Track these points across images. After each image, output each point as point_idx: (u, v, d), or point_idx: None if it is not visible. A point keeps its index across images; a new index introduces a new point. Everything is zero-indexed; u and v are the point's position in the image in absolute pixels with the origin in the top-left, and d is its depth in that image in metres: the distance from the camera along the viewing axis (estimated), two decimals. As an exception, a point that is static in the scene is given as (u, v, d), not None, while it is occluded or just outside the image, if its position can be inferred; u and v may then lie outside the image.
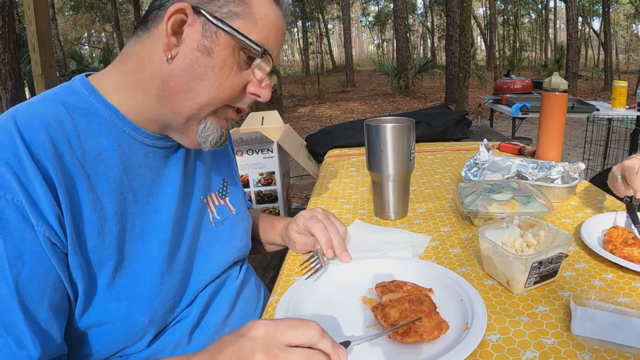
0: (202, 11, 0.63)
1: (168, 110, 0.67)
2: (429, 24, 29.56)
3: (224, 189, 0.88)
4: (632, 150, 3.61)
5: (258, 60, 0.67)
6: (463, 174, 1.28)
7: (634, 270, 0.76)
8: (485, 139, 1.38)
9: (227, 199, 0.87)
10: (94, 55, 18.45)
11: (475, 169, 1.29)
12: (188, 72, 0.64)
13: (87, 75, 0.70)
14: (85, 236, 0.60)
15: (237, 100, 0.70)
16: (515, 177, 1.20)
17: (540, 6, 27.00)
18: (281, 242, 0.98)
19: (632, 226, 0.90)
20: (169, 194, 0.73)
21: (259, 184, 2.14)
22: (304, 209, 1.00)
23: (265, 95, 0.70)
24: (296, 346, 0.51)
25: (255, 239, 1.01)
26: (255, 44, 0.65)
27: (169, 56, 0.64)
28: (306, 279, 0.76)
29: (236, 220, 0.87)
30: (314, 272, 0.77)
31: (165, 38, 0.63)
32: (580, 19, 18.00)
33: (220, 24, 0.63)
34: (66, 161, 0.59)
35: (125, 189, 0.66)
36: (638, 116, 3.31)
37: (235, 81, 0.67)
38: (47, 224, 0.55)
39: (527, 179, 1.19)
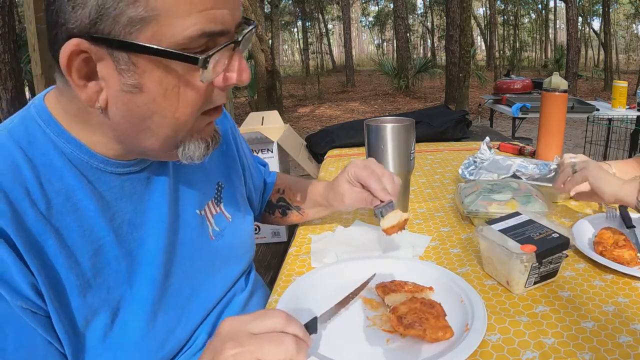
0: (99, 37, 0.46)
1: (134, 147, 0.57)
2: (429, 24, 29.56)
3: (219, 194, 0.78)
4: (632, 150, 3.62)
5: (203, 61, 0.49)
6: (460, 171, 1.28)
7: (623, 273, 0.75)
8: (487, 137, 1.37)
9: (221, 205, 0.78)
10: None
11: (473, 167, 1.29)
12: (130, 117, 0.52)
13: (46, 94, 0.59)
14: (66, 297, 0.53)
15: (209, 103, 0.55)
16: (512, 177, 1.21)
17: (540, 6, 27.01)
18: (321, 201, 0.94)
19: (624, 227, 0.90)
20: (155, 221, 0.63)
21: (259, 184, 2.13)
22: (304, 209, 1.00)
23: (243, 78, 0.54)
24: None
25: (291, 204, 0.98)
26: (186, 55, 0.48)
27: (98, 107, 0.50)
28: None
29: (234, 227, 0.79)
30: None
31: (79, 92, 0.49)
32: (580, 19, 18.00)
33: (126, 49, 0.47)
34: (28, 220, 0.51)
35: (103, 234, 0.57)
36: (638, 116, 3.31)
37: (192, 95, 0.52)
38: (22, 295, 0.49)
39: (521, 179, 1.19)
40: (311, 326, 0.58)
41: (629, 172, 1.06)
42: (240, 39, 0.53)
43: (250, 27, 0.55)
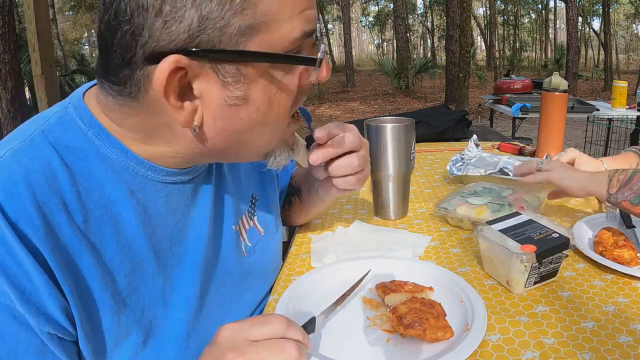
0: (203, 51, 0.43)
1: (209, 159, 0.56)
2: (429, 24, 29.57)
3: (252, 207, 0.75)
4: (632, 150, 3.62)
5: (320, 61, 0.50)
6: (448, 168, 1.29)
7: (623, 273, 0.75)
8: (474, 135, 1.39)
9: (255, 219, 0.75)
10: (94, 55, 18.48)
11: (460, 163, 1.30)
12: (229, 132, 0.50)
13: (86, 90, 0.55)
14: (99, 319, 0.50)
15: (296, 105, 0.55)
16: (499, 173, 1.21)
17: (540, 6, 27.02)
18: (304, 170, 0.87)
19: (624, 227, 0.90)
20: (196, 236, 0.60)
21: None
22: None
23: (327, 75, 0.53)
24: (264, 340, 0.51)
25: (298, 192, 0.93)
26: (298, 57, 0.48)
27: (194, 127, 0.48)
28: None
29: (266, 241, 0.77)
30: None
31: (176, 115, 0.46)
32: (580, 19, 18.01)
33: (237, 59, 0.44)
34: (63, 235, 0.47)
35: (142, 250, 0.54)
36: (638, 116, 3.32)
37: (287, 99, 0.51)
38: (51, 320, 0.46)
39: (508, 175, 1.19)
40: (309, 326, 0.58)
41: (620, 167, 1.06)
42: (320, 35, 0.51)
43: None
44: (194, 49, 0.43)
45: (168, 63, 0.42)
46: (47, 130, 0.50)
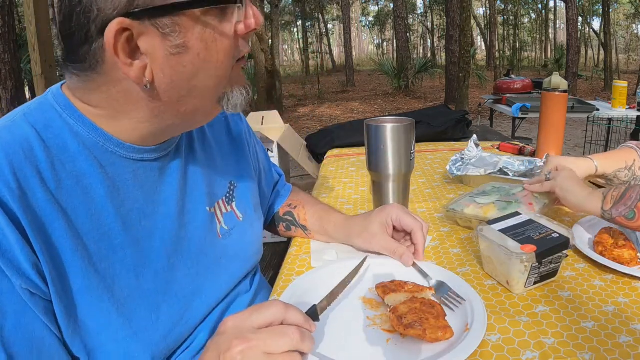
0: (141, 11, 0.49)
1: (171, 119, 0.59)
2: (429, 24, 29.57)
3: (231, 193, 0.79)
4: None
5: (234, 7, 0.55)
6: (448, 168, 1.29)
7: (622, 273, 0.75)
8: (474, 135, 1.39)
9: (233, 204, 0.79)
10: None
11: (460, 163, 1.30)
12: (177, 80, 0.55)
13: (63, 84, 0.61)
14: (69, 280, 0.54)
15: (238, 52, 0.59)
16: (499, 173, 1.21)
17: (540, 6, 27.01)
18: (334, 232, 0.91)
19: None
20: (165, 213, 0.65)
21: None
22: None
23: (260, 21, 0.58)
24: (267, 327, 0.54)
25: (299, 224, 0.96)
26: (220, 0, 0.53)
27: (146, 82, 0.53)
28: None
29: (244, 227, 0.79)
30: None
31: (127, 71, 0.52)
32: (580, 19, 18.01)
33: (170, 12, 0.50)
34: (36, 199, 0.52)
35: (111, 220, 0.58)
36: (638, 116, 3.32)
37: (226, 44, 0.56)
38: (23, 275, 0.50)
39: (508, 175, 1.19)
40: (312, 315, 0.59)
41: (613, 166, 1.06)
42: None
43: None
44: (133, 11, 0.49)
45: (114, 25, 0.49)
46: (28, 114, 0.57)
